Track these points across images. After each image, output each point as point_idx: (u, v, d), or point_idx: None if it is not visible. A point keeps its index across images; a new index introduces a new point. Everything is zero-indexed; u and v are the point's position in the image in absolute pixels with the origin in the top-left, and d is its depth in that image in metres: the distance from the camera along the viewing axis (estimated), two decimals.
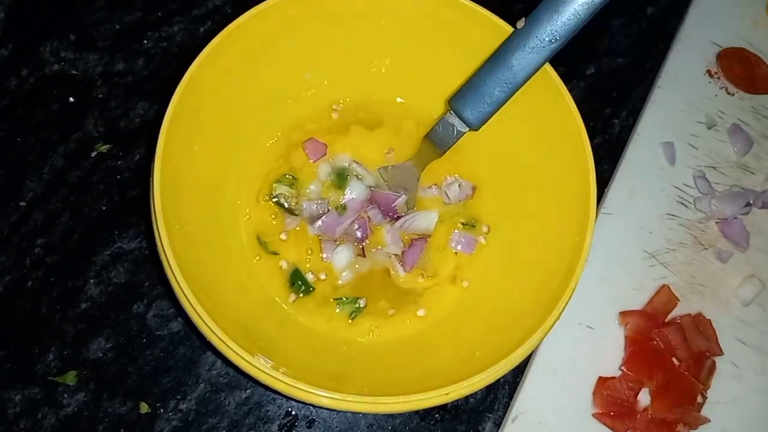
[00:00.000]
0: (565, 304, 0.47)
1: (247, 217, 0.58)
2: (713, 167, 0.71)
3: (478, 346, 0.49)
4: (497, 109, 0.51)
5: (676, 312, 0.63)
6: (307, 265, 0.57)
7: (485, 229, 0.60)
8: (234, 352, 0.42)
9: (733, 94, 0.76)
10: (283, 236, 0.58)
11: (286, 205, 0.58)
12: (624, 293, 0.64)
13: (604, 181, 0.69)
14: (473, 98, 0.51)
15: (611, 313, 0.62)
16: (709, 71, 0.76)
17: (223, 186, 0.56)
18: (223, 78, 0.52)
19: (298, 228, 0.58)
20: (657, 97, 0.74)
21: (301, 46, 0.56)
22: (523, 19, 0.48)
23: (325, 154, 0.60)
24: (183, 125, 0.49)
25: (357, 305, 0.56)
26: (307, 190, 0.59)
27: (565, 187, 0.52)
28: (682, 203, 0.69)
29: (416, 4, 0.55)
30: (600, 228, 0.63)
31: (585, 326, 0.61)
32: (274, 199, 0.58)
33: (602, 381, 0.59)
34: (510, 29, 0.51)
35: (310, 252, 0.57)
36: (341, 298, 0.56)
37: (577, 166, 0.50)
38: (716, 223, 0.68)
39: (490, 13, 0.54)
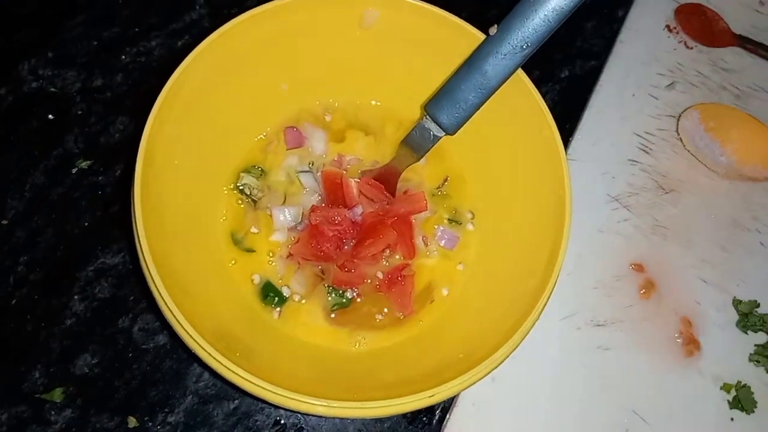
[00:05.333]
0: (543, 306, 0.47)
1: (224, 218, 0.58)
2: (672, 116, 0.74)
3: (460, 348, 0.49)
4: (472, 114, 0.52)
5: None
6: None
7: (470, 216, 0.61)
8: (219, 362, 0.42)
9: (692, 48, 0.79)
10: (254, 229, 0.58)
11: (248, 192, 0.58)
12: (589, 234, 0.66)
13: (569, 129, 0.72)
14: (448, 103, 0.52)
15: (575, 253, 0.64)
16: (668, 26, 0.80)
17: (203, 191, 0.56)
18: (200, 92, 0.52)
19: (269, 213, 0.58)
20: (619, 51, 0.77)
21: (277, 58, 0.57)
22: (495, 25, 0.49)
23: (302, 145, 0.61)
24: (162, 140, 0.49)
25: (343, 299, 0.56)
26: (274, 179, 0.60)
27: (540, 184, 0.53)
28: (644, 150, 0.72)
29: (391, 15, 0.56)
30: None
31: None
32: (240, 187, 0.58)
33: None
34: (482, 36, 0.52)
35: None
36: (331, 287, 0.56)
37: (550, 163, 0.51)
38: None
39: (464, 22, 0.55)
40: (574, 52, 0.78)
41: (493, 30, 0.49)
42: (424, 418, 0.59)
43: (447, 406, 0.59)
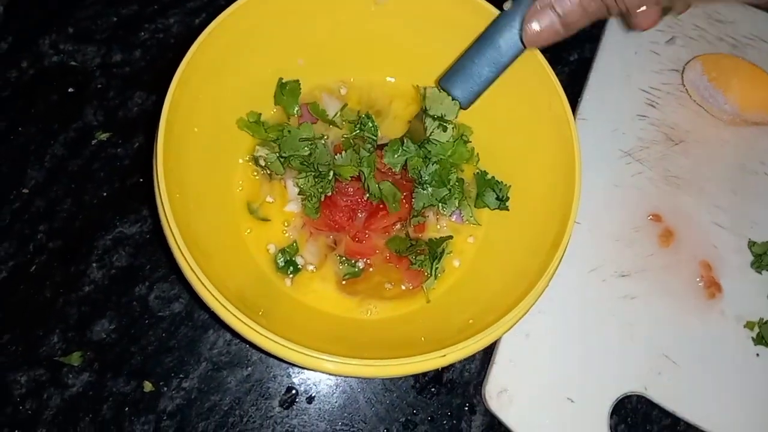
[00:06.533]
0: (552, 273, 0.48)
1: (240, 188, 0.59)
2: (675, 70, 0.76)
3: (471, 314, 0.50)
4: (486, 88, 0.53)
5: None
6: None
7: None
8: (240, 320, 0.43)
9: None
10: (269, 198, 0.59)
11: (262, 164, 0.59)
12: (606, 190, 0.68)
13: (576, 90, 0.74)
14: (462, 78, 0.53)
15: (594, 208, 0.66)
16: None
17: (221, 161, 0.57)
18: (219, 63, 0.53)
19: (284, 184, 0.59)
20: None
21: (293, 33, 0.58)
22: (511, 0, 0.50)
23: (316, 122, 0.61)
24: (182, 109, 0.50)
25: (355, 268, 0.57)
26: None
27: (549, 155, 0.54)
28: (651, 105, 0.74)
29: None
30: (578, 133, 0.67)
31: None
32: (256, 158, 0.59)
33: None
34: (497, 12, 0.53)
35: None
36: (343, 257, 0.58)
37: (559, 133, 0.52)
38: None
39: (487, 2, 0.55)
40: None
41: (508, 5, 0.50)
42: (433, 389, 0.60)
43: (475, 369, 0.60)
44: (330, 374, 0.59)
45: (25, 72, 0.68)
